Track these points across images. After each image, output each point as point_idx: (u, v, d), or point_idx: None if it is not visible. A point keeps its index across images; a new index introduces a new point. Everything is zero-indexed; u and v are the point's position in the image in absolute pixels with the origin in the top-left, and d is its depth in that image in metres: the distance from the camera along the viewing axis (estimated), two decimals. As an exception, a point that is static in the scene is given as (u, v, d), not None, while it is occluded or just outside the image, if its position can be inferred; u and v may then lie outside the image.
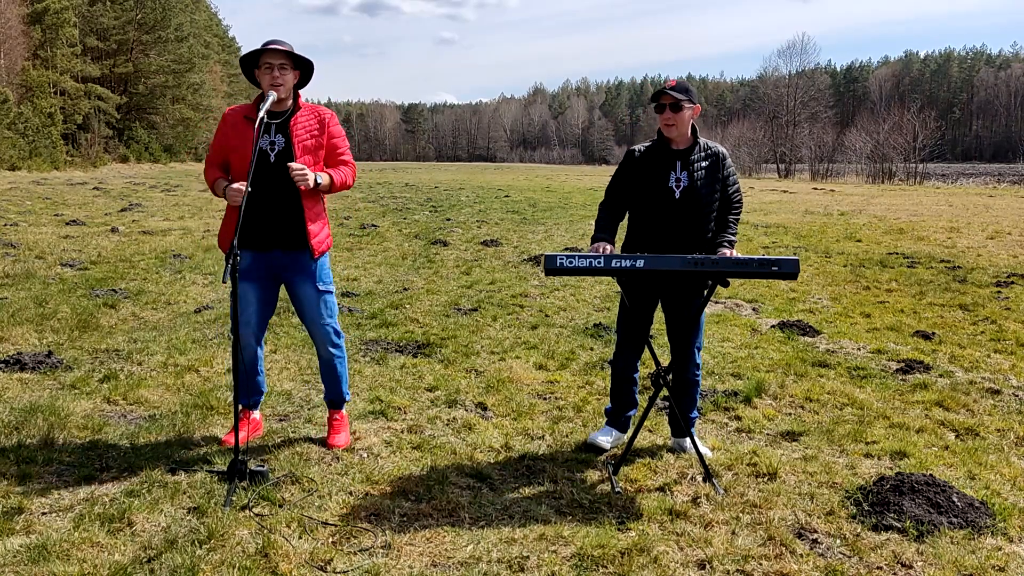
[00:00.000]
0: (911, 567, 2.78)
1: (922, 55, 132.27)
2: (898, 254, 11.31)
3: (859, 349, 5.92)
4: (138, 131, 53.46)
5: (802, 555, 2.84)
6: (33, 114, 39.26)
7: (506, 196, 24.62)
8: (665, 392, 3.77)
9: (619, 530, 3.00)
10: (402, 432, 4.02)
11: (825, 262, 10.52)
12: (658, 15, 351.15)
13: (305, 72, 3.70)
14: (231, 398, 4.23)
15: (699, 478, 3.47)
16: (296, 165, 3.50)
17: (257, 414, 3.97)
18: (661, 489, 3.38)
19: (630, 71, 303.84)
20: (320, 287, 3.77)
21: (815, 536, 2.99)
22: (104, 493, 3.20)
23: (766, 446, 3.91)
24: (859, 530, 3.03)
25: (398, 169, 63.27)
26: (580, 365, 5.32)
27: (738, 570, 2.74)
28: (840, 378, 5.12)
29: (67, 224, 13.82)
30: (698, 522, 3.07)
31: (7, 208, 16.77)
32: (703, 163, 3.63)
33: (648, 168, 3.64)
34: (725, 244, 3.62)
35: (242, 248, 3.64)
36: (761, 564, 2.77)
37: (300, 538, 2.88)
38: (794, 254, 10.79)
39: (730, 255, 3.50)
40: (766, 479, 3.49)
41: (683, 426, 3.71)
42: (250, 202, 3.45)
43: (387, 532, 2.94)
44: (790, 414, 4.42)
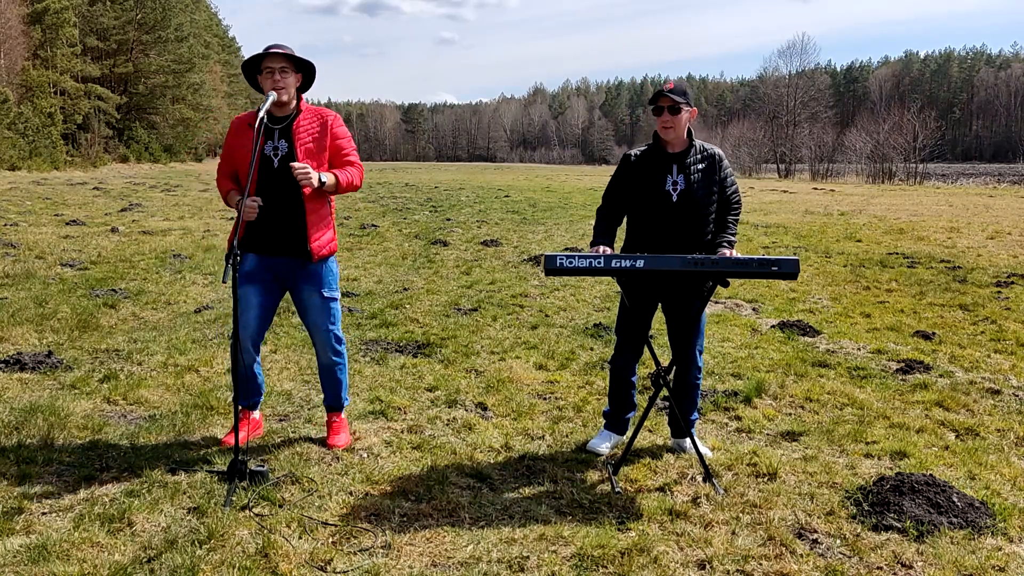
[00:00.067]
0: (911, 567, 2.78)
1: (922, 55, 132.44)
2: (898, 254, 11.31)
3: (859, 349, 5.92)
4: (138, 131, 53.49)
5: (802, 555, 2.84)
6: (33, 114, 39.27)
7: (506, 196, 24.62)
8: (665, 392, 3.77)
9: (619, 530, 3.00)
10: (402, 432, 4.02)
11: (825, 262, 10.52)
12: (658, 15, 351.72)
13: (308, 75, 3.69)
14: (231, 398, 4.23)
15: (699, 478, 3.47)
16: (299, 164, 3.45)
17: (257, 414, 3.97)
18: (661, 489, 3.38)
19: (630, 71, 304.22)
20: (325, 293, 3.75)
21: (815, 536, 2.99)
22: (104, 493, 3.20)
23: (766, 446, 3.91)
24: (859, 530, 3.03)
25: (398, 169, 63.26)
26: (580, 365, 5.32)
27: (738, 570, 2.74)
28: (840, 378, 5.12)
29: (67, 224, 13.82)
30: (698, 522, 3.07)
31: (7, 208, 16.77)
32: (699, 166, 3.63)
33: (644, 172, 3.64)
34: (725, 244, 3.62)
35: (247, 251, 3.66)
36: (761, 564, 2.77)
37: (300, 538, 2.88)
38: (794, 254, 10.78)
39: (730, 255, 3.50)
40: (766, 479, 3.49)
41: (683, 427, 3.71)
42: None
43: (387, 532, 2.94)
44: (790, 414, 4.42)
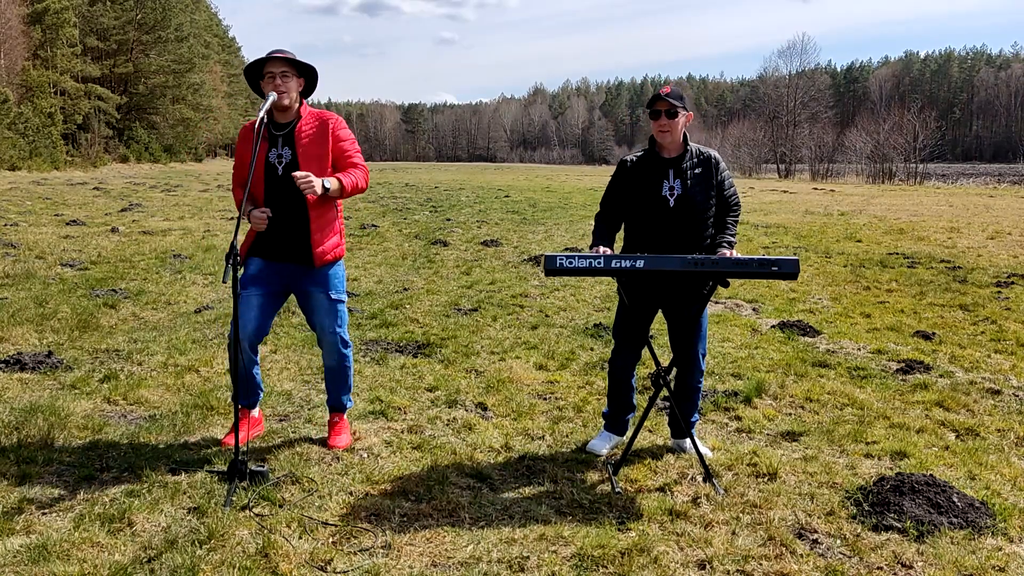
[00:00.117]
0: (911, 567, 2.78)
1: (922, 55, 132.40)
2: (898, 254, 11.31)
3: (859, 349, 5.92)
4: (138, 131, 53.48)
5: (802, 555, 2.84)
6: (33, 114, 39.27)
7: (506, 196, 24.62)
8: (665, 392, 3.77)
9: (619, 530, 3.00)
10: (402, 432, 4.02)
11: (825, 262, 10.52)
12: (658, 15, 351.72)
13: (310, 80, 3.69)
14: (231, 397, 4.23)
15: (699, 478, 3.47)
16: (300, 173, 3.44)
17: (256, 412, 3.97)
18: (661, 489, 3.38)
19: (630, 71, 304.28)
20: (332, 296, 3.75)
21: (815, 536, 2.99)
22: (104, 493, 3.20)
23: (766, 446, 3.91)
24: (859, 530, 3.03)
25: (398, 169, 63.26)
26: (580, 365, 5.32)
27: (738, 570, 2.74)
28: (840, 378, 5.12)
29: (67, 224, 13.82)
30: (698, 522, 3.07)
31: (7, 208, 16.77)
32: (696, 169, 3.62)
33: (641, 178, 3.63)
34: (724, 245, 3.61)
35: (253, 255, 3.70)
36: (761, 564, 2.77)
37: (300, 538, 2.88)
38: (794, 254, 10.78)
39: (730, 255, 3.50)
40: (766, 479, 3.49)
41: (684, 428, 3.71)
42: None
43: (387, 532, 2.94)
44: (790, 414, 4.42)
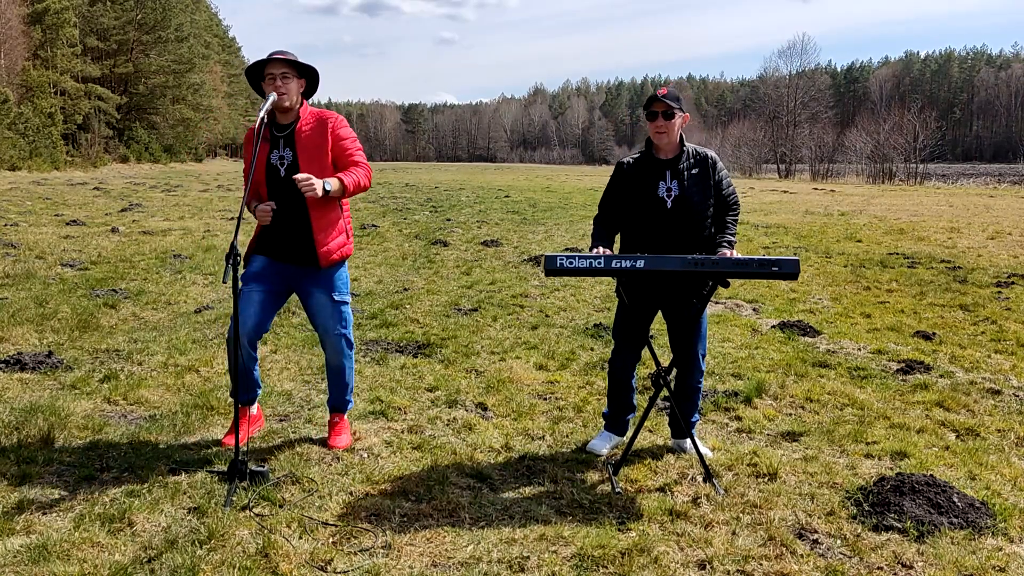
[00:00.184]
0: (911, 567, 2.78)
1: (922, 55, 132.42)
2: (898, 254, 11.31)
3: (859, 349, 5.92)
4: (138, 131, 53.50)
5: (802, 555, 2.83)
6: (33, 114, 39.29)
7: (506, 196, 24.62)
8: (665, 393, 3.77)
9: (619, 530, 3.00)
10: (402, 432, 4.02)
11: (825, 262, 10.52)
12: (658, 15, 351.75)
13: (311, 80, 3.70)
14: (230, 394, 4.23)
15: (699, 478, 3.47)
16: (301, 176, 3.44)
17: (255, 409, 3.97)
18: (661, 489, 3.38)
19: (630, 71, 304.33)
20: (336, 297, 3.76)
21: (815, 536, 2.99)
22: (104, 493, 3.20)
23: (766, 446, 3.91)
24: (859, 530, 3.03)
25: (398, 169, 63.24)
26: (580, 365, 5.32)
27: (738, 570, 2.74)
28: (840, 378, 5.12)
29: (67, 224, 13.82)
30: (698, 522, 3.07)
31: (7, 208, 16.77)
32: (693, 170, 3.62)
33: (638, 180, 3.63)
34: (725, 244, 3.61)
35: (257, 253, 3.73)
36: (761, 564, 2.77)
37: (300, 538, 2.88)
38: (794, 254, 10.78)
39: (730, 255, 3.50)
40: (766, 479, 3.49)
41: (684, 428, 3.71)
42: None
43: (387, 532, 2.94)
44: (790, 414, 4.41)
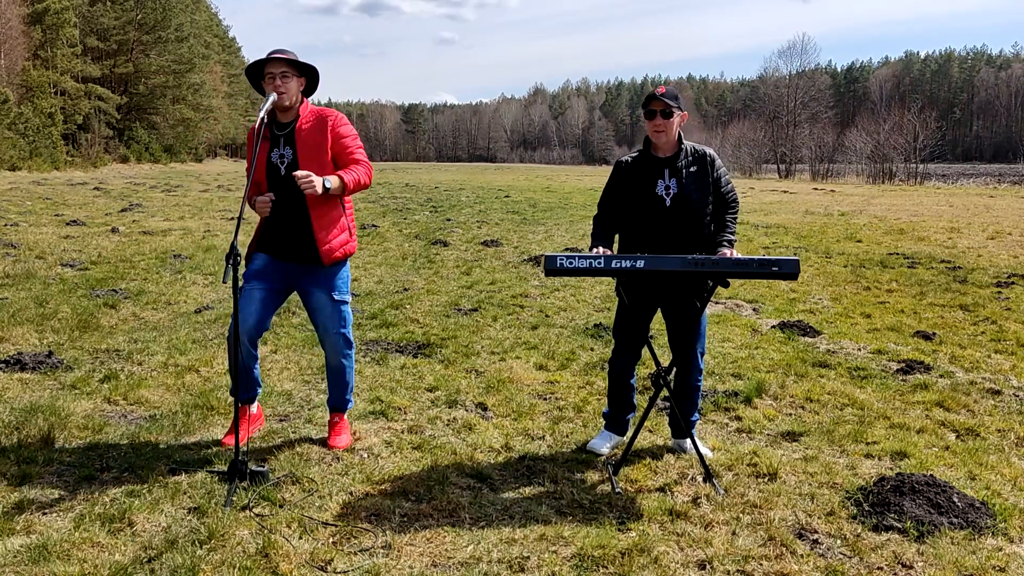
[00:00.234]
0: (911, 567, 2.78)
1: (922, 55, 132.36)
2: (898, 254, 11.31)
3: (859, 349, 5.92)
4: (138, 131, 53.51)
5: (802, 555, 2.83)
6: (33, 114, 39.29)
7: (506, 196, 24.62)
8: (665, 392, 3.77)
9: (619, 530, 3.00)
10: (402, 432, 4.02)
11: (825, 262, 10.52)
12: (658, 15, 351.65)
13: (311, 79, 3.70)
14: (229, 392, 4.23)
15: (699, 478, 3.47)
16: (301, 173, 3.44)
17: (255, 407, 3.97)
18: (661, 489, 3.38)
19: (630, 71, 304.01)
20: (336, 296, 3.77)
21: (815, 536, 2.99)
22: (104, 493, 3.20)
23: (766, 446, 3.91)
24: (859, 530, 3.03)
25: (398, 169, 63.24)
26: (580, 365, 5.32)
27: (738, 570, 2.74)
28: (840, 378, 5.12)
29: (67, 224, 13.82)
30: (698, 522, 3.07)
31: (7, 208, 16.77)
32: (691, 168, 3.63)
33: (636, 178, 3.64)
34: (724, 244, 3.61)
35: (259, 251, 3.74)
36: (761, 564, 2.77)
37: (300, 538, 2.88)
38: (794, 254, 10.77)
39: (730, 255, 3.50)
40: (766, 479, 3.49)
41: (684, 428, 3.71)
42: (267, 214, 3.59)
43: (387, 532, 2.94)
44: (790, 414, 4.41)
